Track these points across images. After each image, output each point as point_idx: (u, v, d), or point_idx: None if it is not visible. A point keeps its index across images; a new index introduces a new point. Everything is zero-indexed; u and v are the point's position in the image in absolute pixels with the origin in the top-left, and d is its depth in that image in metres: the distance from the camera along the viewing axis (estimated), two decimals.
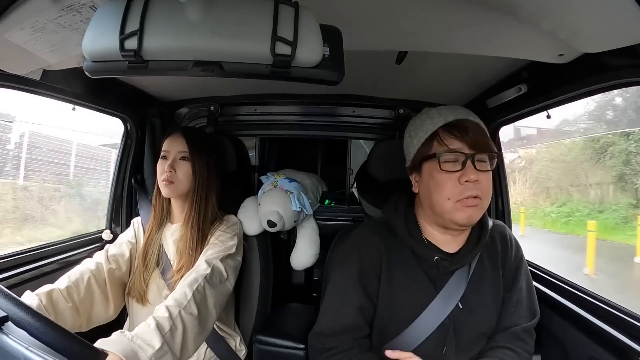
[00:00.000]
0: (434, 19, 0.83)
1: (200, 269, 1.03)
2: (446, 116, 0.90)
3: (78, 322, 1.02)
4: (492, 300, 0.94)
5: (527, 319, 0.94)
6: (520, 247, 1.01)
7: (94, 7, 0.70)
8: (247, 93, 1.59)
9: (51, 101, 1.22)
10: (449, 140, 0.88)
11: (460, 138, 0.87)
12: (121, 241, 1.26)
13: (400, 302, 0.92)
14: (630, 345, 0.85)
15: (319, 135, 1.77)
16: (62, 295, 0.99)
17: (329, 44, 0.62)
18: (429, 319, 0.90)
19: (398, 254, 0.95)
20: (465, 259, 0.93)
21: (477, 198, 0.86)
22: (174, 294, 0.94)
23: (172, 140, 1.23)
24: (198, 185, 1.20)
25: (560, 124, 9.60)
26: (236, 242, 1.18)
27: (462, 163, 0.86)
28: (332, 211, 1.68)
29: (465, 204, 0.86)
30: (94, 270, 1.11)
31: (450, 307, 0.90)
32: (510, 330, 0.92)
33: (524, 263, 0.99)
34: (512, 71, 1.16)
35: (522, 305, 0.94)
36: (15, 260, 1.16)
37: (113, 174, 1.59)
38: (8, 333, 0.56)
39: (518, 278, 0.96)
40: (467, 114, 0.92)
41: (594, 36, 0.77)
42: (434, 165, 0.88)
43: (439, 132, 0.89)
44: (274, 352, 1.25)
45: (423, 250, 0.94)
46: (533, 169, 11.34)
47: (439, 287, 0.92)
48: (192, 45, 0.59)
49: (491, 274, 0.96)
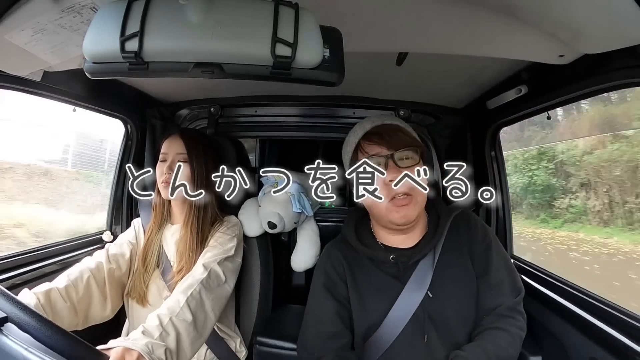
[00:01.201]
0: (435, 20, 0.82)
1: (196, 274, 1.03)
2: (364, 127, 0.99)
3: (75, 321, 1.02)
4: (462, 286, 0.95)
5: (512, 296, 0.93)
6: (488, 230, 1.02)
7: (94, 9, 0.70)
8: (247, 94, 1.59)
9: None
10: (369, 147, 0.95)
11: (378, 143, 0.94)
12: (122, 241, 1.26)
13: (368, 302, 0.95)
14: (630, 346, 0.85)
15: (319, 136, 1.76)
16: (61, 294, 0.99)
17: (329, 45, 0.62)
18: (399, 312, 0.92)
19: (357, 262, 1.01)
20: (424, 249, 0.96)
21: (407, 195, 0.91)
22: (168, 301, 0.94)
23: (170, 142, 1.23)
24: (197, 187, 1.20)
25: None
26: (235, 243, 1.18)
27: (385, 165, 0.92)
28: (333, 212, 1.69)
29: (397, 204, 0.91)
30: (94, 269, 1.11)
31: (419, 297, 0.92)
32: (495, 312, 0.91)
33: (494, 245, 0.99)
34: (513, 72, 1.15)
35: (503, 285, 0.94)
36: (16, 261, 1.16)
37: (114, 176, 1.59)
38: (8, 334, 0.56)
39: (490, 261, 0.96)
40: (384, 119, 1.00)
41: (594, 37, 0.77)
42: None
43: (361, 142, 0.97)
44: (274, 354, 1.25)
45: (377, 254, 0.98)
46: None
47: (404, 281, 0.94)
48: (193, 47, 0.59)
49: (459, 262, 0.97)
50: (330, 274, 1.01)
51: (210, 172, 1.23)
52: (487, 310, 0.93)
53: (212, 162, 1.25)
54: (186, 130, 1.45)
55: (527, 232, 5.79)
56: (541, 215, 5.85)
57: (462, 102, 1.51)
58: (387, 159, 0.92)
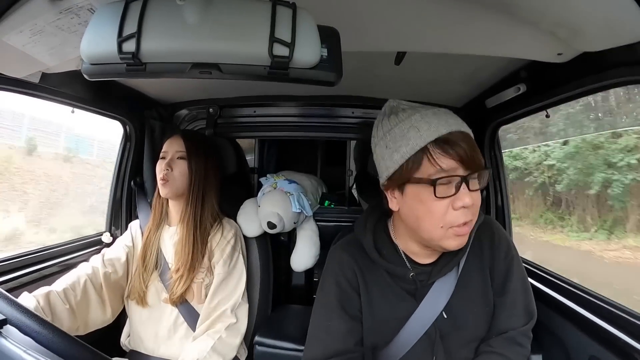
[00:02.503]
0: (433, 19, 0.82)
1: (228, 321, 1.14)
2: (437, 127, 0.75)
3: (75, 325, 1.03)
4: (480, 307, 0.88)
5: (524, 320, 0.88)
6: (511, 246, 0.92)
7: (92, 10, 0.70)
8: (246, 95, 1.59)
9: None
10: (442, 160, 0.74)
11: (453, 156, 0.74)
12: (117, 245, 1.28)
13: (381, 318, 0.88)
14: (631, 344, 0.85)
15: (318, 136, 1.77)
16: (59, 297, 1.00)
17: (327, 44, 0.62)
18: (411, 330, 0.86)
19: (372, 273, 0.90)
20: (444, 269, 0.86)
21: (468, 223, 0.77)
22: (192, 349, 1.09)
23: (171, 141, 1.25)
24: (194, 184, 1.21)
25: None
26: (242, 263, 1.24)
27: (456, 186, 0.74)
28: (332, 212, 1.68)
29: (457, 233, 0.77)
30: (90, 274, 1.13)
31: (433, 317, 0.85)
32: (507, 335, 0.86)
33: (515, 263, 0.90)
34: (511, 71, 1.15)
35: (517, 307, 0.88)
36: (15, 263, 1.16)
37: (113, 177, 1.59)
38: (7, 336, 0.56)
39: (510, 279, 0.89)
40: (459, 123, 0.79)
41: (592, 35, 0.77)
42: (424, 189, 0.75)
43: (429, 148, 0.75)
44: (275, 354, 1.25)
45: (396, 269, 0.88)
46: None
47: (419, 298, 0.87)
48: (190, 47, 0.59)
49: (478, 279, 0.89)
50: (343, 285, 0.89)
51: (209, 172, 1.24)
52: (497, 331, 0.87)
53: (212, 164, 1.26)
54: (188, 131, 1.48)
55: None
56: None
57: (460, 101, 1.51)
58: (462, 180, 0.74)
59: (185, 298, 1.17)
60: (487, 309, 0.88)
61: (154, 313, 1.20)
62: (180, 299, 1.16)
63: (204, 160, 1.23)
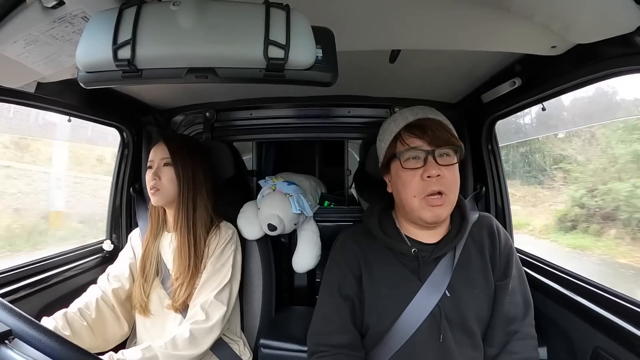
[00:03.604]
0: (426, 17, 0.83)
1: (196, 317, 1.10)
2: (407, 117, 0.96)
3: (95, 343, 1.07)
4: (481, 288, 0.95)
5: (523, 308, 0.95)
6: (509, 238, 1.03)
7: (85, 18, 0.69)
8: (242, 98, 1.59)
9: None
10: (410, 140, 0.93)
11: (419, 136, 0.92)
12: (120, 260, 1.29)
13: (385, 298, 0.94)
14: (636, 334, 0.85)
15: (315, 137, 1.77)
16: (76, 316, 1.04)
17: (322, 45, 0.62)
18: (416, 310, 0.91)
19: (375, 253, 0.99)
20: (446, 247, 0.95)
21: (441, 195, 0.90)
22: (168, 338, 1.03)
23: (155, 149, 1.24)
24: (183, 189, 1.20)
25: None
26: (230, 264, 1.21)
27: (424, 159, 0.91)
28: (332, 212, 1.68)
29: (430, 203, 0.90)
30: (101, 294, 1.16)
31: (437, 296, 0.91)
32: (520, 335, 0.93)
33: (514, 253, 1.00)
34: (506, 65, 1.16)
35: (516, 295, 0.95)
36: (19, 274, 1.16)
37: (112, 184, 1.59)
38: (12, 347, 0.56)
39: (510, 266, 0.97)
40: (428, 112, 0.97)
41: (585, 27, 0.77)
42: (398, 164, 0.94)
43: (401, 133, 0.95)
44: (279, 356, 1.25)
45: (399, 245, 0.97)
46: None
47: (423, 278, 0.94)
48: (186, 52, 0.59)
49: (479, 262, 0.97)
50: (343, 269, 0.99)
51: (197, 175, 1.23)
52: (501, 316, 0.93)
53: (199, 166, 1.25)
54: (170, 136, 1.46)
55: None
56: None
57: (456, 97, 1.51)
58: (427, 154, 0.90)
59: (187, 304, 1.17)
60: (488, 292, 0.95)
61: (157, 320, 1.20)
62: (183, 305, 1.16)
63: (191, 162, 1.22)
